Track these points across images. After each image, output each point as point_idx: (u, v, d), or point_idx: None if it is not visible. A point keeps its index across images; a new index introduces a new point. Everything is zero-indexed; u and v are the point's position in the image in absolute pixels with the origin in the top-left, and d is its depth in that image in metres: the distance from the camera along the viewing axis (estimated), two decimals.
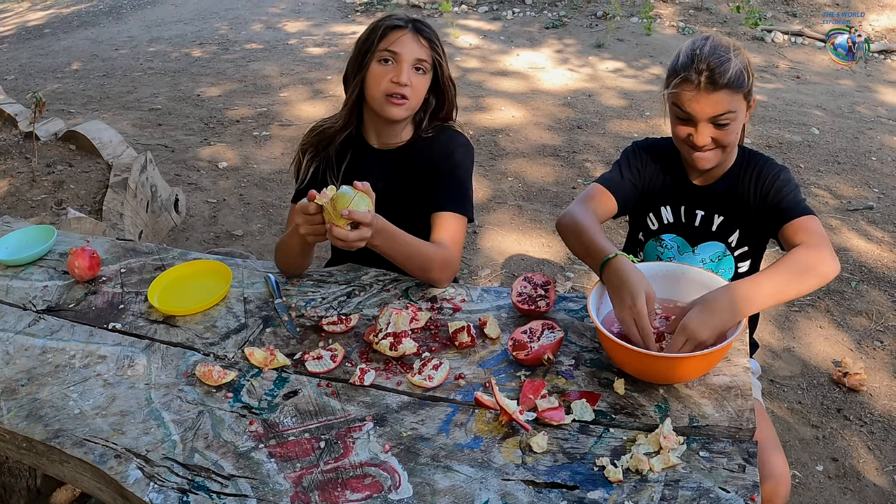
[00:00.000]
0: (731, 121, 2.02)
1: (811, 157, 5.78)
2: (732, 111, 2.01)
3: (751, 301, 1.76)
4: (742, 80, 2.00)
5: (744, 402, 1.69)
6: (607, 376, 1.80)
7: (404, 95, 2.18)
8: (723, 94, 1.98)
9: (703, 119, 2.02)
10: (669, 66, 2.09)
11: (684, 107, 2.04)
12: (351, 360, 1.92)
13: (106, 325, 2.14)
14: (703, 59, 1.99)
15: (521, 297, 2.05)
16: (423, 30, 2.22)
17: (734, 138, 2.08)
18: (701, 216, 2.24)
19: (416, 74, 2.20)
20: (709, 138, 2.04)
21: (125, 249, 2.53)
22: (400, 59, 2.18)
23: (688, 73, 2.00)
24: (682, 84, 2.02)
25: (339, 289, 2.24)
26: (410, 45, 2.18)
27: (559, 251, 4.53)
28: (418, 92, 2.23)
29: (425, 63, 2.21)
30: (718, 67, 1.97)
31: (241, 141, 6.34)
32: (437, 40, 2.24)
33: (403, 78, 2.16)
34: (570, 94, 7.32)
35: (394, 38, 2.18)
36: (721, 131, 2.04)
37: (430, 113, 2.34)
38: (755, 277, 1.82)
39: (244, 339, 2.04)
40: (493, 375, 1.83)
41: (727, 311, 1.73)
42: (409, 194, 2.28)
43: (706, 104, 2.00)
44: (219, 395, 1.84)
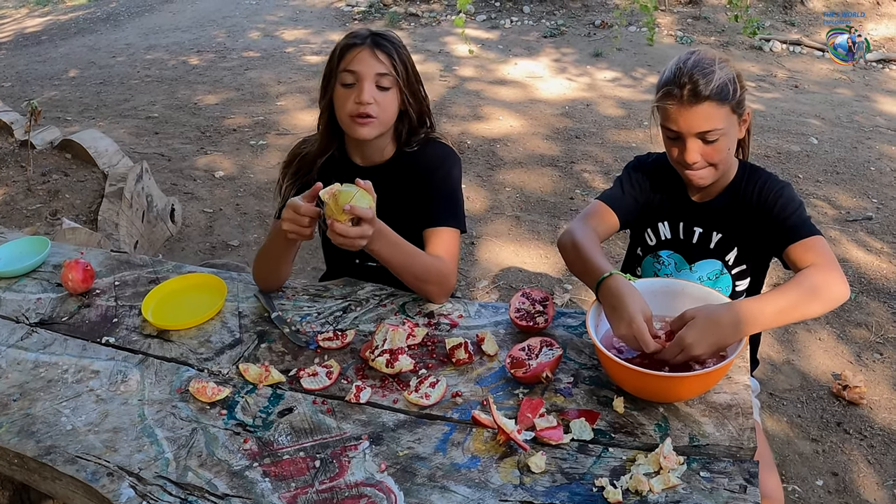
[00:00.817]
0: (719, 136, 1.98)
1: (810, 168, 5.77)
2: (720, 127, 1.97)
3: (754, 320, 1.73)
4: (727, 91, 1.96)
5: (745, 421, 1.66)
6: (606, 394, 1.77)
7: (369, 114, 2.13)
8: (707, 107, 1.94)
9: (690, 134, 1.99)
10: (657, 82, 2.08)
11: (670, 123, 2.00)
12: (347, 377, 1.90)
13: (99, 339, 2.11)
14: (686, 72, 1.96)
15: (519, 313, 2.03)
16: (382, 44, 2.15)
17: (725, 156, 2.04)
18: (699, 233, 2.22)
19: (379, 91, 2.14)
20: (698, 155, 2.00)
21: (119, 262, 2.50)
22: (359, 78, 2.13)
23: (670, 87, 1.98)
24: (665, 99, 1.99)
25: (335, 303, 2.22)
26: (368, 62, 2.12)
27: (557, 263, 4.51)
28: (386, 108, 2.17)
29: (388, 77, 2.14)
30: (701, 79, 1.93)
31: (237, 150, 6.31)
32: (398, 53, 2.16)
33: (364, 97, 2.11)
34: (568, 103, 7.31)
35: (352, 57, 2.13)
36: (709, 148, 2.00)
37: (410, 125, 2.29)
38: (761, 297, 1.80)
39: (239, 354, 2.02)
40: (490, 393, 1.80)
41: (729, 328, 1.71)
42: (399, 210, 2.25)
43: (691, 118, 1.96)
44: (213, 412, 1.81)
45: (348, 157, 2.34)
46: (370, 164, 2.32)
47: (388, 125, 2.22)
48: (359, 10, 11.70)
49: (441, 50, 9.38)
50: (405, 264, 2.07)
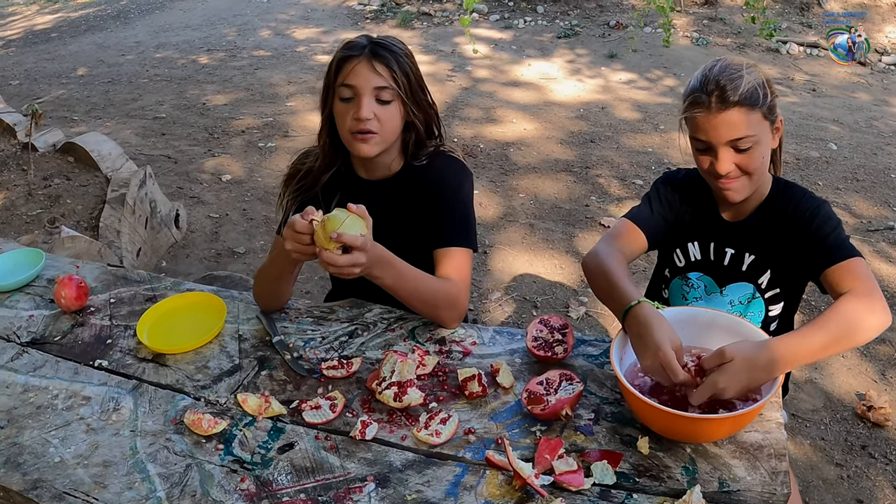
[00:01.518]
0: (752, 144, 1.87)
1: (829, 175, 5.64)
2: (752, 134, 1.86)
3: (790, 359, 1.63)
4: (756, 96, 1.85)
5: (777, 464, 1.55)
6: (630, 433, 1.65)
7: (370, 130, 2.01)
8: (736, 112, 1.84)
9: (721, 143, 1.88)
10: (683, 93, 1.97)
11: (699, 133, 1.91)
12: (352, 410, 1.78)
13: (92, 361, 2.01)
14: (713, 78, 1.86)
15: (536, 342, 1.91)
16: (381, 55, 2.01)
17: (760, 164, 1.92)
18: (730, 254, 2.10)
19: (379, 105, 2.01)
20: (731, 164, 1.89)
21: (116, 277, 2.40)
22: (357, 92, 2.00)
23: (697, 94, 1.88)
24: (692, 107, 1.89)
25: (341, 327, 2.10)
26: (366, 75, 1.99)
27: (572, 273, 4.39)
28: (387, 123, 2.04)
29: (388, 91, 2.01)
30: (730, 84, 1.84)
31: (245, 152, 6.21)
32: (398, 63, 2.02)
33: (363, 112, 1.98)
34: (583, 105, 7.18)
35: (349, 70, 2.01)
36: (744, 156, 1.89)
37: (418, 137, 2.16)
38: (798, 334, 1.67)
39: (237, 382, 1.90)
40: (505, 431, 1.69)
41: (763, 370, 1.59)
42: (407, 228, 2.13)
43: (720, 125, 1.86)
44: (209, 445, 1.70)
45: (354, 172, 2.22)
46: (377, 178, 2.20)
47: (391, 140, 2.09)
48: (371, 8, 11.58)
49: (453, 50, 9.26)
50: (411, 290, 1.96)
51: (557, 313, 4.00)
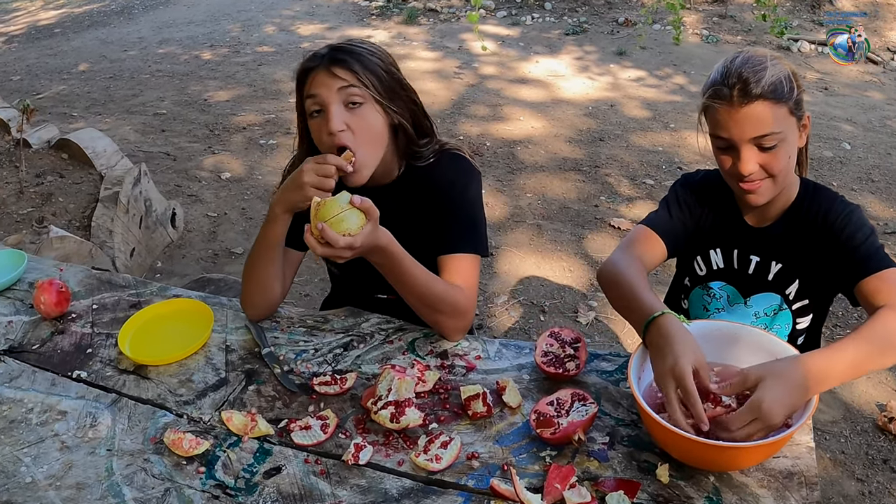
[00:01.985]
0: (777, 141, 1.72)
1: (844, 175, 5.50)
2: (777, 130, 1.71)
3: (826, 377, 1.47)
4: (781, 89, 1.70)
5: (809, 493, 1.41)
6: (648, 458, 1.51)
7: (346, 145, 1.84)
8: (760, 106, 1.69)
9: (744, 140, 1.73)
10: (702, 87, 1.82)
11: (720, 130, 1.76)
12: (345, 431, 1.64)
13: (70, 372, 1.88)
14: (734, 70, 1.72)
15: (546, 357, 1.76)
16: (339, 59, 1.86)
17: (786, 164, 1.77)
18: (756, 262, 1.95)
19: (350, 113, 1.85)
20: (755, 164, 1.74)
21: (100, 281, 2.27)
22: (323, 102, 1.85)
23: (718, 87, 1.73)
24: (713, 101, 1.75)
25: (336, 338, 1.96)
26: (327, 83, 1.84)
27: (581, 276, 4.26)
28: (364, 130, 1.87)
29: (355, 92, 1.84)
30: (753, 76, 1.69)
31: (246, 150, 6.09)
32: (362, 62, 1.86)
33: (332, 125, 1.82)
34: (592, 103, 7.05)
35: (311, 82, 1.87)
36: (768, 155, 1.74)
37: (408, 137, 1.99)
38: (831, 350, 1.52)
39: (223, 398, 1.77)
40: (512, 455, 1.54)
41: (800, 388, 1.44)
42: (414, 233, 1.99)
43: (743, 120, 1.71)
44: (190, 468, 1.57)
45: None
46: (377, 185, 2.04)
47: (378, 151, 1.92)
48: (376, 4, 11.45)
49: (460, 47, 9.13)
50: (411, 287, 1.82)
51: (568, 325, 3.86)
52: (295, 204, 1.82)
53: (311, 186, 1.73)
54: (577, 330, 1.91)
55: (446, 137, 2.12)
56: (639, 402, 1.44)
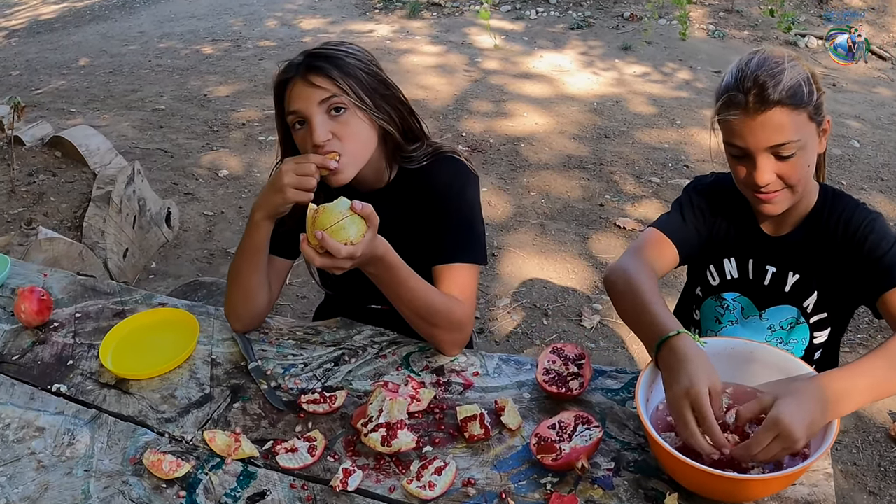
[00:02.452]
0: (795, 150, 1.61)
1: (853, 173, 5.41)
2: (796, 138, 1.60)
3: (846, 399, 1.37)
4: (801, 93, 1.58)
5: None
6: (656, 486, 1.42)
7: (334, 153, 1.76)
8: (778, 113, 1.57)
9: (760, 149, 1.61)
10: (716, 91, 1.70)
11: (735, 138, 1.64)
12: (334, 454, 1.55)
13: (50, 386, 1.79)
14: (750, 74, 1.59)
15: (548, 375, 1.66)
16: (315, 66, 1.76)
17: (805, 173, 1.67)
18: (772, 273, 1.84)
19: (334, 121, 1.76)
20: (772, 175, 1.63)
21: (84, 288, 2.18)
22: (305, 116, 1.76)
23: (733, 93, 1.61)
24: (727, 108, 1.63)
25: (326, 352, 1.87)
26: (306, 95, 1.75)
27: (586, 278, 4.16)
28: (351, 137, 1.78)
29: (336, 99, 1.75)
30: (770, 80, 1.56)
31: (245, 146, 6.00)
32: (339, 68, 1.76)
33: (316, 137, 1.73)
34: (597, 99, 6.95)
35: (289, 96, 1.79)
36: (786, 164, 1.63)
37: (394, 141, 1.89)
38: (852, 368, 1.42)
39: (206, 415, 1.68)
40: (510, 482, 1.45)
41: (819, 404, 1.34)
42: (408, 241, 1.90)
43: (760, 129, 1.59)
44: (169, 492, 1.48)
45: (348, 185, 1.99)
46: (371, 189, 1.95)
47: (363, 155, 1.83)
48: None
49: (464, 41, 9.02)
50: (407, 299, 1.72)
51: (572, 330, 3.78)
52: (276, 208, 1.74)
53: (291, 188, 1.65)
54: (580, 346, 1.80)
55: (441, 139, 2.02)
56: (647, 429, 1.35)
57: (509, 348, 3.64)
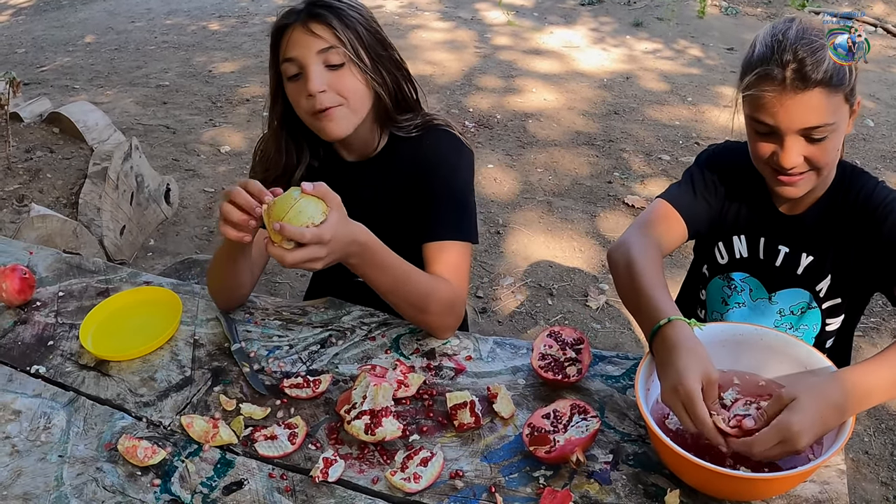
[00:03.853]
0: (829, 133, 1.49)
1: (867, 153, 5.30)
2: (831, 122, 1.48)
3: (866, 397, 1.28)
4: (842, 73, 1.47)
5: None
6: (656, 482, 1.34)
7: (330, 105, 1.68)
8: (817, 95, 1.45)
9: (792, 131, 1.50)
10: (743, 60, 1.57)
11: (764, 115, 1.51)
12: (315, 441, 1.47)
13: (29, 367, 1.72)
14: (789, 46, 1.46)
15: (544, 361, 1.57)
16: (317, 13, 1.69)
17: (833, 157, 1.56)
18: (784, 253, 1.74)
19: (331, 73, 1.69)
20: (799, 157, 1.52)
21: (69, 266, 2.10)
22: (301, 64, 1.68)
23: (768, 66, 1.48)
24: (761, 82, 1.49)
25: (312, 334, 1.78)
26: (305, 42, 1.67)
27: (592, 257, 4.07)
28: (348, 91, 1.70)
29: (335, 52, 1.68)
30: (810, 57, 1.44)
31: (248, 122, 5.92)
32: (340, 19, 1.69)
33: (312, 86, 1.66)
34: (607, 75, 6.84)
35: (287, 41, 1.70)
36: (816, 147, 1.51)
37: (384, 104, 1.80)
38: (874, 364, 1.33)
39: (186, 399, 1.60)
40: (501, 475, 1.37)
41: (836, 409, 1.25)
42: (398, 214, 1.82)
43: (795, 109, 1.47)
44: (144, 479, 1.41)
45: (336, 154, 1.90)
46: (361, 157, 1.87)
47: (362, 110, 1.75)
48: None
49: (473, 17, 8.90)
50: (395, 287, 1.62)
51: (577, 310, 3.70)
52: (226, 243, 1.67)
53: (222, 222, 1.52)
54: (580, 329, 1.71)
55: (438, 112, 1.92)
56: (648, 422, 1.26)
57: (512, 328, 3.56)
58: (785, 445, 1.21)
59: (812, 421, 1.21)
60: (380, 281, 1.60)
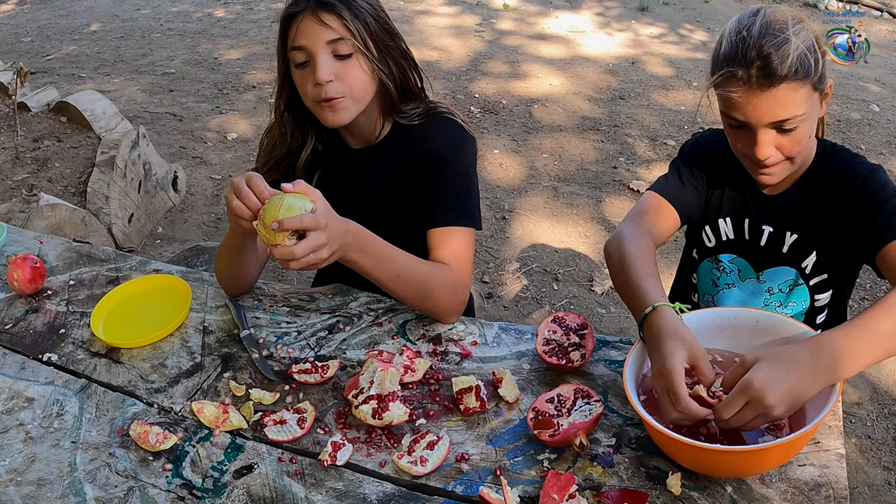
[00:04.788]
0: (799, 123, 1.52)
1: (872, 138, 5.29)
2: (799, 113, 1.50)
3: (847, 358, 1.27)
4: (808, 65, 1.48)
5: None
6: (658, 465, 1.35)
7: (335, 96, 1.70)
8: (783, 90, 1.48)
9: (762, 125, 1.52)
10: (712, 56, 1.60)
11: (734, 112, 1.54)
12: (324, 426, 1.49)
13: (41, 355, 1.75)
14: (753, 45, 1.48)
15: (548, 346, 1.60)
16: (327, 3, 1.70)
17: (805, 144, 1.58)
18: (769, 233, 1.77)
19: (339, 63, 1.71)
20: (772, 148, 1.55)
21: (79, 255, 2.13)
22: (310, 54, 1.70)
23: (733, 67, 1.50)
24: (728, 82, 1.52)
25: (320, 320, 1.81)
26: (314, 31, 1.69)
27: (598, 242, 4.09)
28: (354, 81, 1.72)
29: (344, 43, 1.70)
30: (774, 53, 1.46)
31: (255, 109, 5.93)
32: (350, 9, 1.70)
33: (321, 75, 1.68)
34: (613, 60, 6.83)
35: (295, 30, 1.71)
36: (787, 137, 1.54)
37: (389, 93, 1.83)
38: (852, 325, 1.32)
39: (196, 385, 1.63)
40: (506, 458, 1.39)
41: (806, 368, 1.25)
42: (401, 201, 1.84)
43: (763, 106, 1.50)
44: (156, 465, 1.43)
45: (340, 140, 1.92)
46: (364, 144, 1.90)
47: (364, 101, 1.77)
48: None
49: (478, 2, 8.89)
50: (395, 277, 1.64)
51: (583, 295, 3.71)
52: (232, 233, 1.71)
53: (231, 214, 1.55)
54: (583, 315, 1.73)
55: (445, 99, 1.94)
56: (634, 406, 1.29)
57: (518, 313, 3.58)
58: (755, 407, 1.21)
59: (775, 378, 1.22)
60: (379, 272, 1.62)
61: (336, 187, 1.82)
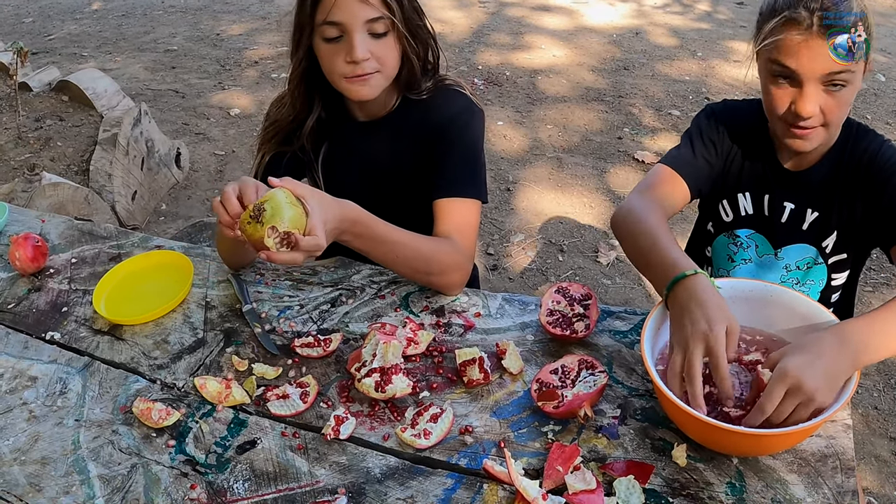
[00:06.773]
0: (847, 83, 1.49)
1: (878, 108, 5.24)
2: (853, 69, 1.48)
3: (873, 347, 1.27)
4: (867, 24, 1.48)
5: (845, 480, 1.24)
6: (663, 437, 1.34)
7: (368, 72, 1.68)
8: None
9: (812, 78, 1.49)
10: (765, 6, 1.56)
11: (788, 59, 1.50)
12: (327, 400, 1.48)
13: (44, 333, 1.74)
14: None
15: (552, 316, 1.58)
16: None
17: (844, 112, 1.55)
18: (790, 210, 1.74)
19: (374, 41, 1.68)
20: (816, 105, 1.51)
21: (81, 232, 2.12)
22: (346, 30, 1.65)
23: (794, 11, 1.47)
24: (786, 27, 1.49)
25: (323, 293, 1.80)
26: (353, 9, 1.63)
27: (602, 213, 4.07)
28: (386, 59, 1.70)
29: (382, 22, 1.67)
30: (840, 3, 1.45)
31: (257, 84, 5.91)
32: None
33: (357, 54, 1.64)
34: (616, 31, 6.78)
35: (331, 4, 1.65)
36: (831, 98, 1.51)
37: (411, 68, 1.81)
38: (878, 314, 1.32)
39: (199, 361, 1.62)
40: (510, 430, 1.38)
41: (839, 358, 1.24)
42: (408, 173, 1.82)
43: (819, 55, 1.47)
44: (159, 441, 1.43)
45: (347, 113, 1.90)
46: (372, 117, 1.88)
47: (392, 77, 1.77)
48: None
49: None
50: (396, 257, 1.64)
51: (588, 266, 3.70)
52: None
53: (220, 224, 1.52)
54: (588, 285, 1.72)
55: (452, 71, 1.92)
56: (654, 379, 1.27)
57: (523, 285, 3.57)
58: (796, 395, 1.19)
59: (809, 363, 1.20)
60: (378, 252, 1.62)
61: (343, 159, 1.81)
